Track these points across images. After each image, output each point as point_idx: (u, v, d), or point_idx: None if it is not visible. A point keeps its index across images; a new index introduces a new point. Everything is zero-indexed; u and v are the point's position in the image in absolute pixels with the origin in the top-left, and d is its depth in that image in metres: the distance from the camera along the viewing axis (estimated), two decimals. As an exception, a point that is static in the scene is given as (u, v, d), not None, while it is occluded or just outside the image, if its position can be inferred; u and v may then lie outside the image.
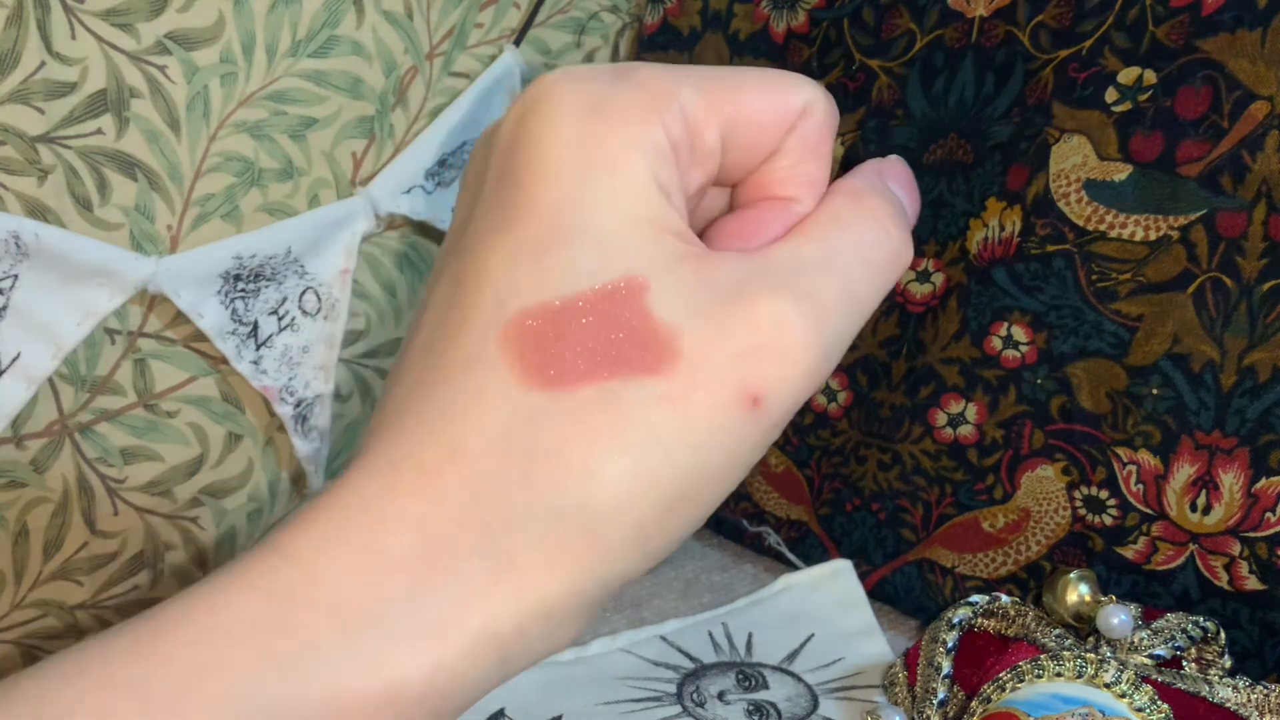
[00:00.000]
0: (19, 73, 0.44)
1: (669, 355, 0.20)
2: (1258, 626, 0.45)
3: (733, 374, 0.20)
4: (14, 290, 0.45)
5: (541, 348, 0.20)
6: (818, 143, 0.23)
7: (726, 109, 0.22)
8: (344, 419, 0.59)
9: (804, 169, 0.23)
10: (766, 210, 0.23)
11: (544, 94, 0.21)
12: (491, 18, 0.58)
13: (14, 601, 0.51)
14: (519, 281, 0.20)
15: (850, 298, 0.21)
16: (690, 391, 0.20)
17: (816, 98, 0.22)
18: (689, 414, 0.20)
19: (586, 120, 0.21)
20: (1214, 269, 0.44)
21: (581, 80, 0.21)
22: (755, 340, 0.20)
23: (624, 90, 0.21)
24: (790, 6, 0.58)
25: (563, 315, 0.20)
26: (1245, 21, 0.44)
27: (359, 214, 0.54)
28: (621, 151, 0.20)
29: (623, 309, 0.20)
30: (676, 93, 0.21)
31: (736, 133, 0.22)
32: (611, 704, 0.47)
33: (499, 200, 0.21)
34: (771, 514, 0.59)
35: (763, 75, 0.22)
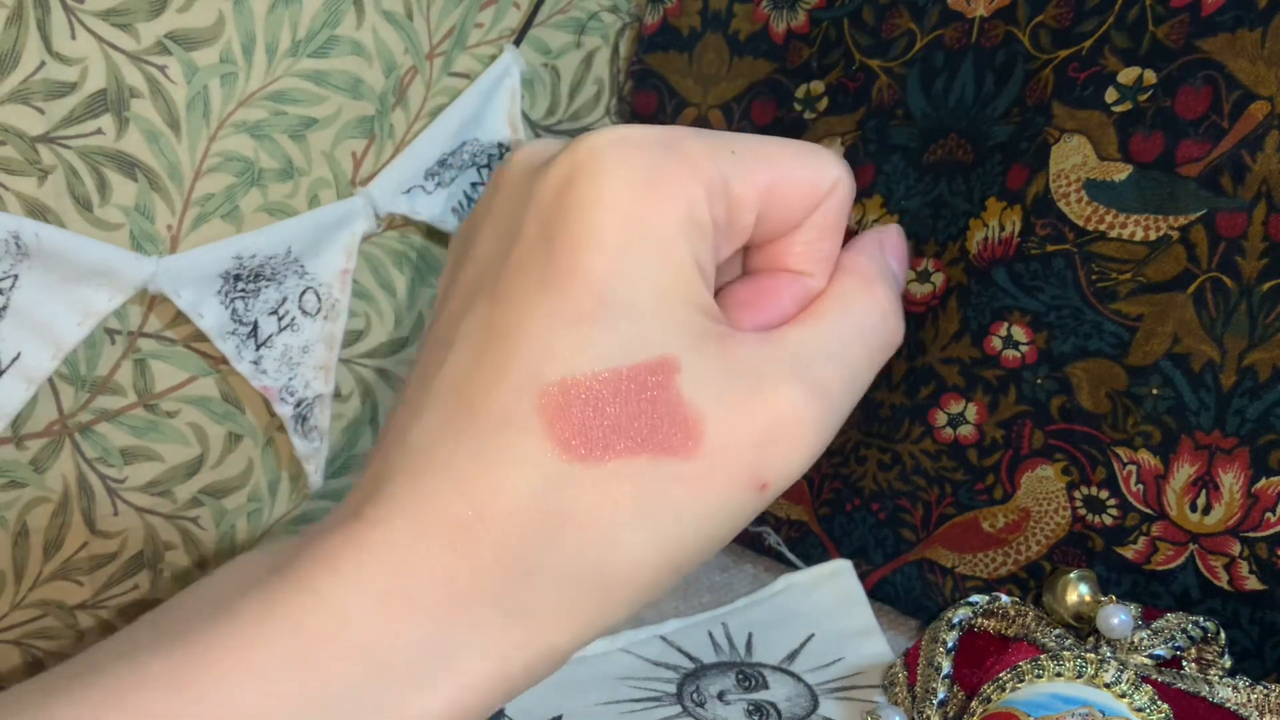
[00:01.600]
0: (19, 73, 0.44)
1: (694, 438, 0.21)
2: (1258, 626, 0.45)
3: (748, 461, 0.21)
4: (14, 290, 0.45)
5: (577, 418, 0.21)
6: (836, 221, 0.24)
7: (767, 186, 0.23)
8: (344, 419, 0.59)
9: (821, 246, 0.24)
10: (780, 284, 0.24)
11: (596, 159, 0.22)
12: (491, 18, 0.58)
13: (14, 601, 0.51)
14: (560, 348, 0.21)
15: (852, 384, 0.23)
16: (709, 475, 0.21)
17: (842, 178, 0.24)
18: (706, 495, 0.21)
19: (637, 194, 0.21)
20: (1214, 269, 0.44)
21: (634, 149, 0.22)
22: (772, 429, 0.21)
23: (674, 167, 0.22)
24: (790, 6, 0.58)
25: (600, 389, 0.21)
26: (1245, 21, 0.44)
27: (359, 214, 0.54)
28: (668, 230, 0.21)
29: (656, 389, 0.21)
30: (723, 167, 0.22)
31: (771, 208, 0.23)
32: (611, 704, 0.47)
33: (542, 258, 0.22)
34: (771, 514, 0.59)
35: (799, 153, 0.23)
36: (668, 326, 0.21)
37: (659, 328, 0.21)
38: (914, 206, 0.54)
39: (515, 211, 0.23)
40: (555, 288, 0.21)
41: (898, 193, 0.54)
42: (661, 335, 0.21)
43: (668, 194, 0.21)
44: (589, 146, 0.22)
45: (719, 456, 0.21)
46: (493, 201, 0.24)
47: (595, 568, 0.21)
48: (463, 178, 0.59)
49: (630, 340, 0.21)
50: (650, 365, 0.21)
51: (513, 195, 0.24)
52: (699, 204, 0.22)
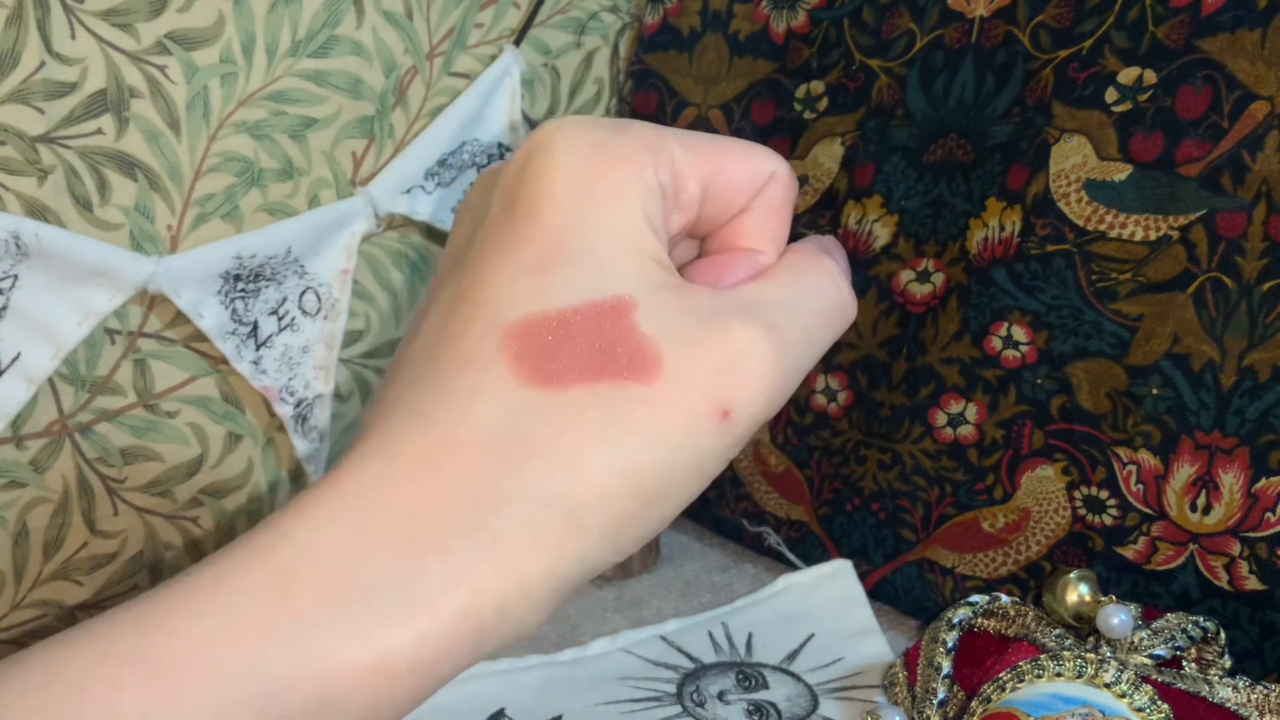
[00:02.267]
0: (19, 73, 0.44)
1: (653, 366, 0.22)
2: (1258, 626, 0.45)
3: (708, 388, 0.22)
4: (14, 290, 0.45)
5: (539, 349, 0.22)
6: (780, 206, 0.26)
7: (709, 166, 0.25)
8: (344, 419, 0.59)
9: (768, 226, 0.26)
10: (734, 256, 0.26)
11: (548, 138, 0.24)
12: (491, 18, 0.58)
13: (14, 601, 0.51)
14: (520, 292, 0.22)
15: (807, 337, 0.24)
16: (670, 399, 0.22)
17: (780, 167, 0.26)
18: (668, 419, 0.22)
19: (589, 158, 0.23)
20: (1214, 269, 0.44)
21: (583, 127, 0.24)
22: (728, 360, 0.22)
23: (622, 137, 0.24)
24: (790, 6, 0.58)
25: (560, 323, 0.22)
26: (1245, 21, 0.44)
27: (359, 214, 0.54)
28: (619, 186, 0.23)
29: (614, 323, 0.22)
30: (667, 145, 0.24)
31: (714, 188, 0.25)
32: (611, 704, 0.47)
33: (504, 225, 0.24)
34: (771, 514, 0.59)
35: (739, 144, 0.26)
36: (623, 271, 0.23)
37: (614, 272, 0.23)
38: (914, 206, 0.54)
39: (484, 198, 0.25)
40: (515, 245, 0.23)
41: (898, 193, 0.54)
42: (617, 278, 0.23)
43: (616, 157, 0.23)
44: (546, 129, 0.24)
45: (678, 382, 0.22)
46: (465, 202, 0.27)
47: (562, 493, 0.21)
48: (463, 178, 0.59)
49: (587, 282, 0.22)
50: (608, 302, 0.22)
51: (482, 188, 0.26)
52: (646, 167, 0.23)
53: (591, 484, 0.22)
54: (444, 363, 0.23)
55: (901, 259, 0.54)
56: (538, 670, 0.49)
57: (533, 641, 0.52)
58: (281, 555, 0.21)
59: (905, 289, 0.54)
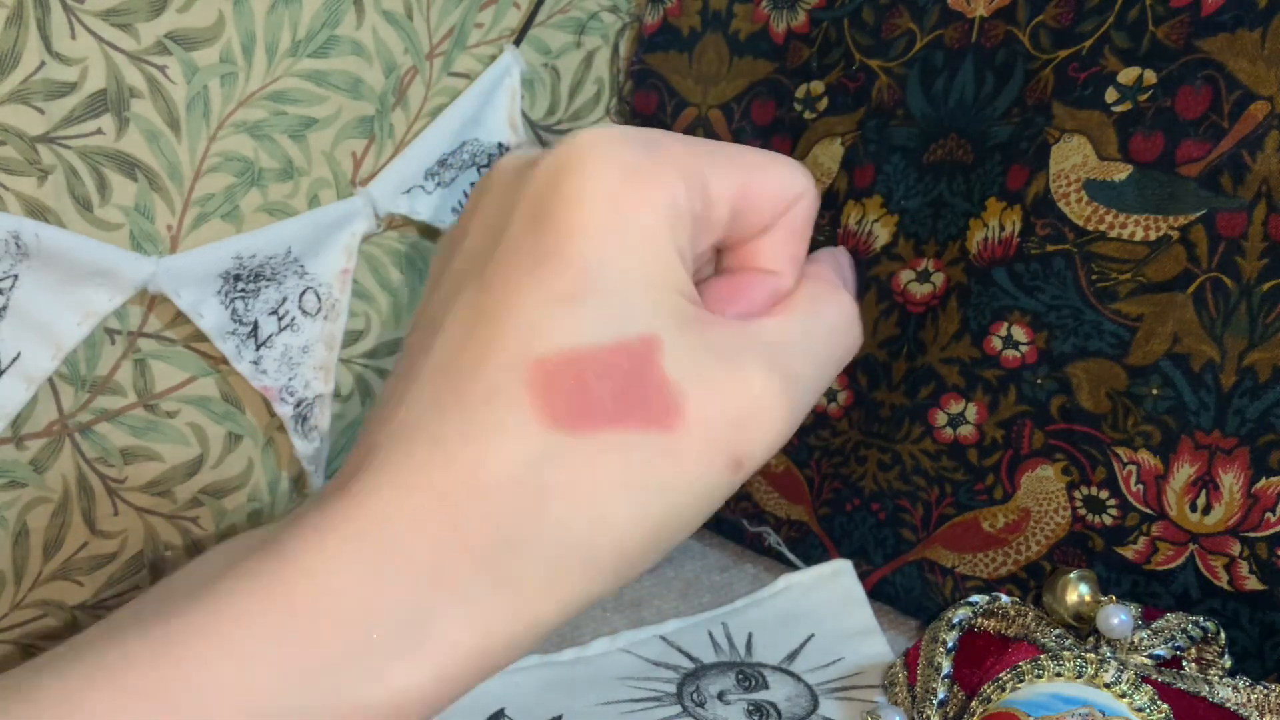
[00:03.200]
0: (19, 73, 0.44)
1: (676, 414, 0.22)
2: (1258, 626, 0.45)
3: (725, 439, 0.22)
4: (14, 290, 0.45)
5: (565, 390, 0.22)
6: (803, 227, 0.26)
7: (740, 187, 0.24)
8: (344, 419, 0.59)
9: (788, 248, 0.26)
10: (754, 279, 0.25)
11: (583, 154, 0.23)
12: (491, 18, 0.58)
13: (14, 601, 0.51)
14: (547, 325, 0.22)
15: (818, 377, 0.25)
16: (690, 449, 0.22)
17: (808, 189, 0.25)
18: (686, 469, 0.22)
19: (622, 185, 0.23)
20: (1214, 269, 0.44)
21: (617, 146, 0.23)
22: (747, 411, 0.23)
23: (657, 161, 0.23)
24: (790, 6, 0.58)
25: (587, 363, 0.22)
26: (1245, 21, 0.44)
27: (359, 214, 0.54)
28: (652, 218, 0.23)
29: (640, 365, 0.22)
30: (701, 167, 0.24)
31: (743, 210, 0.25)
32: (611, 704, 0.47)
33: (530, 244, 0.23)
34: (771, 514, 0.59)
35: (769, 160, 0.25)
36: (652, 307, 0.22)
37: (644, 308, 0.22)
38: (914, 206, 0.54)
39: (505, 206, 0.24)
40: (543, 270, 0.22)
41: (898, 193, 0.54)
42: (646, 315, 0.22)
43: (651, 185, 0.23)
44: (577, 144, 0.23)
45: (699, 432, 0.22)
46: (481, 200, 0.26)
47: (582, 539, 0.21)
48: (463, 178, 0.59)
49: (616, 318, 0.22)
50: (636, 342, 0.22)
51: (502, 193, 0.25)
52: (679, 195, 0.23)
53: (611, 530, 0.22)
54: (465, 391, 0.22)
55: (901, 259, 0.54)
56: (538, 670, 0.49)
57: (533, 641, 0.52)
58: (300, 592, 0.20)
59: (905, 289, 0.54)
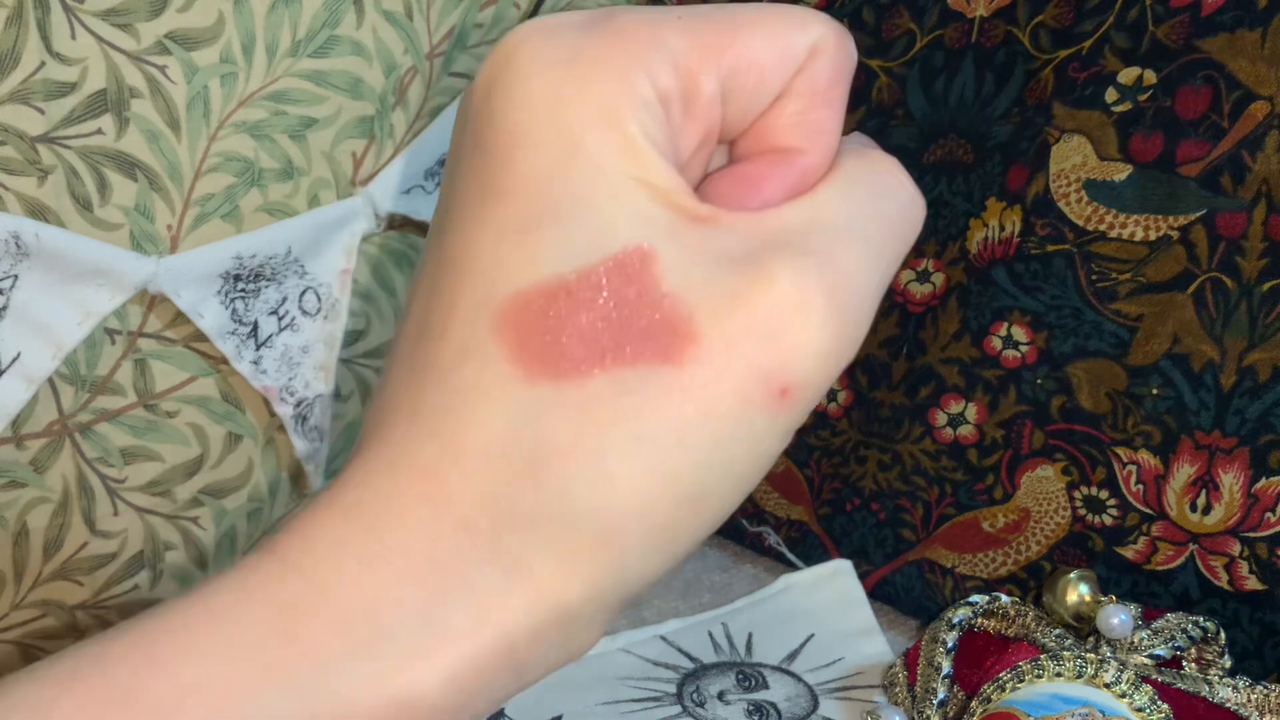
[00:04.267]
0: (19, 73, 0.44)
1: (684, 338, 0.18)
2: (1258, 626, 0.45)
3: (756, 359, 0.18)
4: (14, 290, 0.45)
5: (541, 335, 0.18)
6: (829, 85, 0.20)
7: (723, 51, 0.19)
8: (344, 419, 0.59)
9: (812, 115, 0.20)
10: (764, 165, 0.20)
11: (512, 51, 0.19)
12: (491, 18, 0.58)
13: (14, 601, 0.51)
14: (507, 261, 0.18)
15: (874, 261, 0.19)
16: (711, 381, 0.18)
17: (826, 34, 0.20)
18: (710, 406, 0.18)
19: (561, 77, 0.18)
20: (1214, 269, 0.44)
21: (552, 32, 0.19)
22: (777, 316, 0.18)
23: (600, 40, 0.19)
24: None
25: (561, 296, 0.18)
26: (1245, 21, 0.44)
27: (359, 214, 0.54)
28: (605, 108, 0.18)
29: (629, 285, 0.18)
30: (661, 38, 0.19)
31: (736, 79, 0.19)
32: (611, 704, 0.47)
33: (474, 173, 0.19)
34: (771, 514, 0.59)
35: (761, 11, 0.20)
36: (630, 215, 0.18)
37: (622, 217, 0.18)
38: (914, 206, 0.54)
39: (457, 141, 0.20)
40: (492, 196, 0.19)
41: (898, 193, 0.54)
42: (627, 224, 0.18)
43: (596, 71, 0.18)
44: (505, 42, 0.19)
45: (719, 356, 0.18)
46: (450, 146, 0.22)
47: (592, 507, 0.18)
48: (463, 178, 0.59)
49: (590, 235, 0.18)
50: (619, 258, 0.18)
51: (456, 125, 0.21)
52: (635, 75, 0.18)
53: (625, 494, 0.18)
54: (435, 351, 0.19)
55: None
56: (538, 670, 0.49)
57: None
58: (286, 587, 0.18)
59: (905, 289, 0.54)
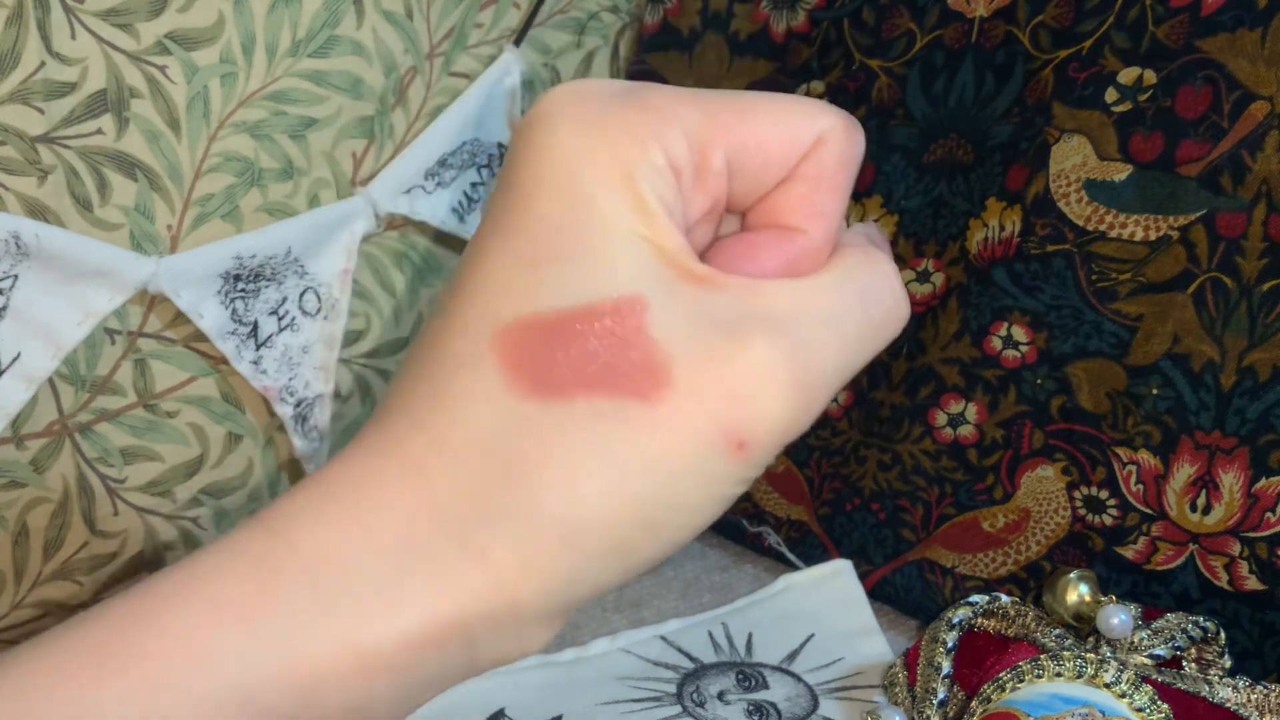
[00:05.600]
0: (19, 73, 0.44)
1: (661, 382, 0.20)
2: (1258, 626, 0.45)
3: (719, 413, 0.20)
4: (14, 290, 0.45)
5: (534, 356, 0.20)
6: (834, 172, 0.22)
7: (734, 132, 0.21)
8: (344, 419, 0.59)
9: (815, 199, 0.22)
10: (766, 238, 0.22)
11: (547, 108, 0.21)
12: (491, 18, 0.58)
13: (14, 601, 0.51)
14: (515, 289, 0.21)
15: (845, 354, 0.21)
16: (677, 423, 0.20)
17: (835, 126, 0.22)
18: (673, 445, 0.20)
19: (586, 135, 0.21)
20: (1214, 269, 0.44)
21: (585, 97, 0.21)
22: (745, 382, 0.20)
23: (626, 108, 0.21)
24: (790, 6, 0.58)
25: (559, 327, 0.20)
26: (1245, 21, 0.44)
27: (359, 214, 0.54)
28: (623, 169, 0.20)
29: (620, 327, 0.20)
30: (679, 113, 0.21)
31: (744, 158, 0.22)
32: (611, 704, 0.47)
33: (498, 209, 0.22)
34: (771, 514, 0.59)
35: (775, 101, 0.22)
36: (633, 265, 0.20)
37: (624, 266, 0.20)
38: (914, 206, 0.54)
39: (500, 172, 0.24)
40: (510, 231, 0.21)
41: (898, 193, 0.54)
42: (627, 273, 0.20)
43: (617, 132, 0.21)
44: (548, 98, 0.21)
45: (687, 403, 0.20)
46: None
47: (557, 515, 0.20)
48: (463, 178, 0.59)
49: (593, 278, 0.20)
50: (616, 302, 0.20)
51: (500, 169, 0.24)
52: (652, 145, 0.21)
53: (586, 508, 0.20)
54: (437, 359, 0.21)
55: (901, 259, 0.54)
56: (538, 670, 0.49)
57: (533, 641, 0.52)
58: (265, 549, 0.20)
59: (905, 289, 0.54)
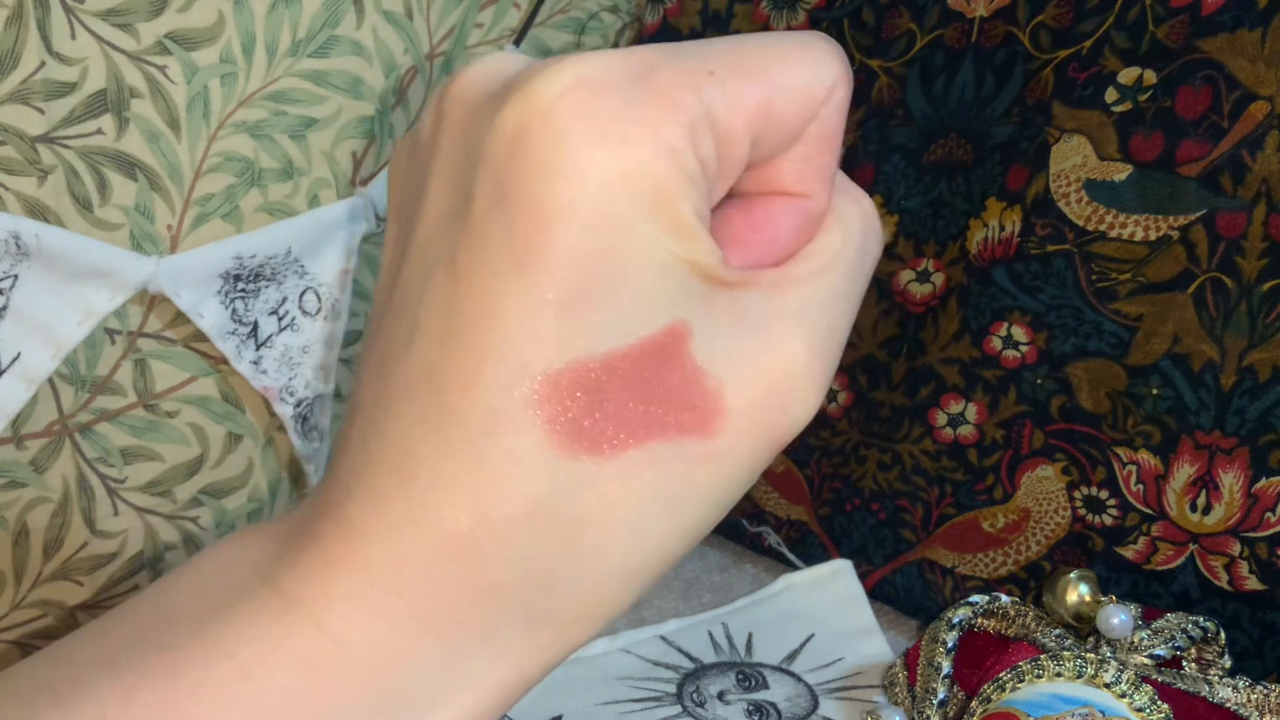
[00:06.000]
0: (19, 73, 0.44)
1: (717, 413, 0.19)
2: (1258, 626, 0.45)
3: (773, 429, 0.20)
4: (14, 290, 0.45)
5: (580, 411, 0.19)
6: (835, 130, 0.21)
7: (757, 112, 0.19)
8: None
9: (820, 161, 0.21)
10: (777, 212, 0.21)
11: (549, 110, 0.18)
12: (491, 18, 0.58)
13: (14, 601, 0.51)
14: (546, 337, 0.18)
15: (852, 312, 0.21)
16: (736, 449, 0.20)
17: (840, 76, 0.20)
18: (734, 471, 0.20)
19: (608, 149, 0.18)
20: (1214, 269, 0.44)
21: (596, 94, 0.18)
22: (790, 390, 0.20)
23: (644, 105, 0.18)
24: (790, 6, 0.58)
25: (603, 374, 0.18)
26: (1245, 21, 0.44)
27: (359, 214, 0.54)
28: (653, 187, 0.18)
29: (667, 366, 0.19)
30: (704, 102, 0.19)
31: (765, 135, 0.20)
32: (611, 704, 0.47)
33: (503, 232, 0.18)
34: (771, 514, 0.59)
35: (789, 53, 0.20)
36: (671, 292, 0.19)
37: (662, 296, 0.19)
38: (914, 206, 0.54)
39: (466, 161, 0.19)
40: (529, 267, 0.18)
41: (898, 193, 0.54)
42: (666, 304, 0.19)
43: (645, 145, 0.18)
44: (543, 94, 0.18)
45: (743, 428, 0.19)
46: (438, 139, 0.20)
47: (622, 566, 0.19)
48: (463, 178, 0.59)
49: (631, 315, 0.18)
50: (658, 338, 0.19)
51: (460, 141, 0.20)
52: (682, 149, 0.18)
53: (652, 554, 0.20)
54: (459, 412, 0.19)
55: (901, 259, 0.54)
56: (538, 670, 0.49)
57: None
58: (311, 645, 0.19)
59: (905, 289, 0.54)
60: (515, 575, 0.19)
